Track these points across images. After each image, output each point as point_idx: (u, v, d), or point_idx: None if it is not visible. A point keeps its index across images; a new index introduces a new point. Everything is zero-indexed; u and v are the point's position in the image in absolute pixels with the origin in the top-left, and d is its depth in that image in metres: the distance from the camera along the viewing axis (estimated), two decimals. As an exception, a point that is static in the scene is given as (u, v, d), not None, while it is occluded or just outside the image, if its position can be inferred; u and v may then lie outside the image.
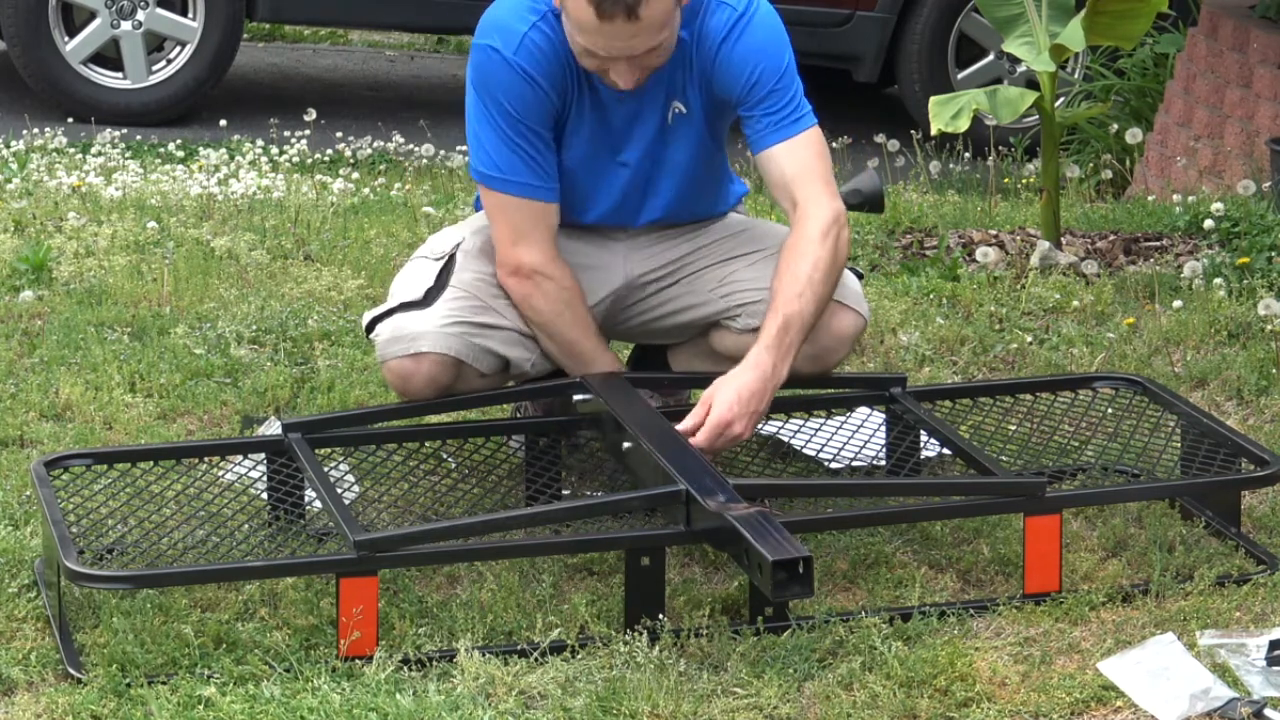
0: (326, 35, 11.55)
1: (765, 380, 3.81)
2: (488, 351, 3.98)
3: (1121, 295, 5.47)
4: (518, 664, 3.40)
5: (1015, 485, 3.74)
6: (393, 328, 3.96)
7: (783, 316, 3.84)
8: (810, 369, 4.02)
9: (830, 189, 3.94)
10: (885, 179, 7.60)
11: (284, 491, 3.87)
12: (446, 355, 3.94)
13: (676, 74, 3.94)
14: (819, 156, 3.96)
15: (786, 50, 3.96)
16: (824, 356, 4.03)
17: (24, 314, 5.12)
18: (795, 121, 3.94)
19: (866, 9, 9.41)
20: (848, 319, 4.02)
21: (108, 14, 8.95)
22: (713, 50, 3.91)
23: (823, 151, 3.98)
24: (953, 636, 3.52)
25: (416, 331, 3.94)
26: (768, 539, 3.35)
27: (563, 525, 3.88)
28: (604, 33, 3.73)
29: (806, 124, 3.96)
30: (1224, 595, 3.68)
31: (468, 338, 3.96)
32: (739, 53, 3.91)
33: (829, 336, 4.00)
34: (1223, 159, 7.45)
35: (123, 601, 3.55)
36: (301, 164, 8.15)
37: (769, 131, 3.93)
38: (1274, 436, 4.41)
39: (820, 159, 3.96)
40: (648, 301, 4.15)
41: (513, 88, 3.88)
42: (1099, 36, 5.67)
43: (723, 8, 3.91)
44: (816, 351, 4.00)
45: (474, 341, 3.97)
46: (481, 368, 3.98)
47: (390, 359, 3.96)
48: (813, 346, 3.97)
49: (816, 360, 4.02)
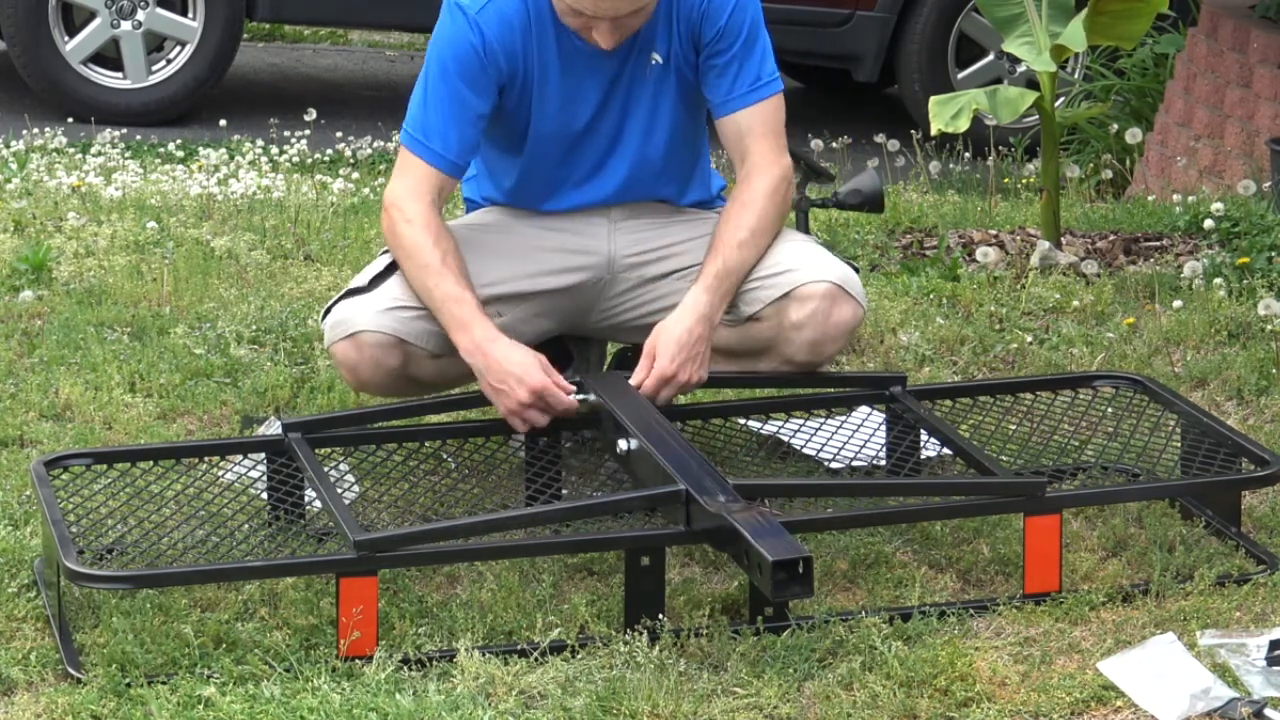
0: (326, 35, 11.55)
1: (704, 322, 3.91)
2: (430, 331, 3.96)
3: (1121, 295, 5.47)
4: (518, 664, 3.40)
5: (1015, 485, 3.74)
6: (336, 316, 3.99)
7: (722, 261, 3.95)
8: (807, 358, 4.03)
9: (781, 145, 4.04)
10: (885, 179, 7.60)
11: (284, 491, 3.87)
12: (383, 334, 3.94)
13: (655, 26, 3.97)
14: (778, 117, 4.05)
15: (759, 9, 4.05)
16: (822, 345, 4.03)
17: (24, 314, 5.12)
18: (764, 86, 4.03)
19: (866, 9, 9.41)
20: (848, 309, 4.02)
21: (108, 14, 8.95)
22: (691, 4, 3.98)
23: (781, 112, 4.07)
24: (953, 636, 3.52)
25: (355, 315, 3.96)
26: (768, 539, 3.35)
27: (563, 525, 3.88)
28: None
29: (774, 89, 4.04)
30: (1224, 595, 3.68)
31: (406, 318, 3.95)
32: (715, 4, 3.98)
33: (831, 325, 4.01)
34: (1223, 159, 7.45)
35: (123, 601, 3.55)
36: (301, 164, 8.15)
37: (739, 97, 4.01)
38: (1274, 436, 4.41)
39: (777, 119, 4.06)
40: (637, 292, 4.14)
41: (461, 46, 3.92)
42: (1099, 36, 5.67)
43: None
44: (815, 338, 4.00)
45: (414, 322, 3.95)
46: (428, 346, 3.97)
47: (333, 344, 3.98)
48: (813, 333, 3.98)
49: (814, 349, 4.02)
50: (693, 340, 3.89)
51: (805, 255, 4.03)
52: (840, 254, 4.21)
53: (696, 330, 3.90)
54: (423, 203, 3.96)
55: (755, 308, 4.00)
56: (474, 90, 3.95)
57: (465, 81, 3.94)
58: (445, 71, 3.95)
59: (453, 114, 3.96)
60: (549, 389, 3.85)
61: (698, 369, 3.91)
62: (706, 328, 3.91)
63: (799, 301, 3.98)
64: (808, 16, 9.34)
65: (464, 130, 3.97)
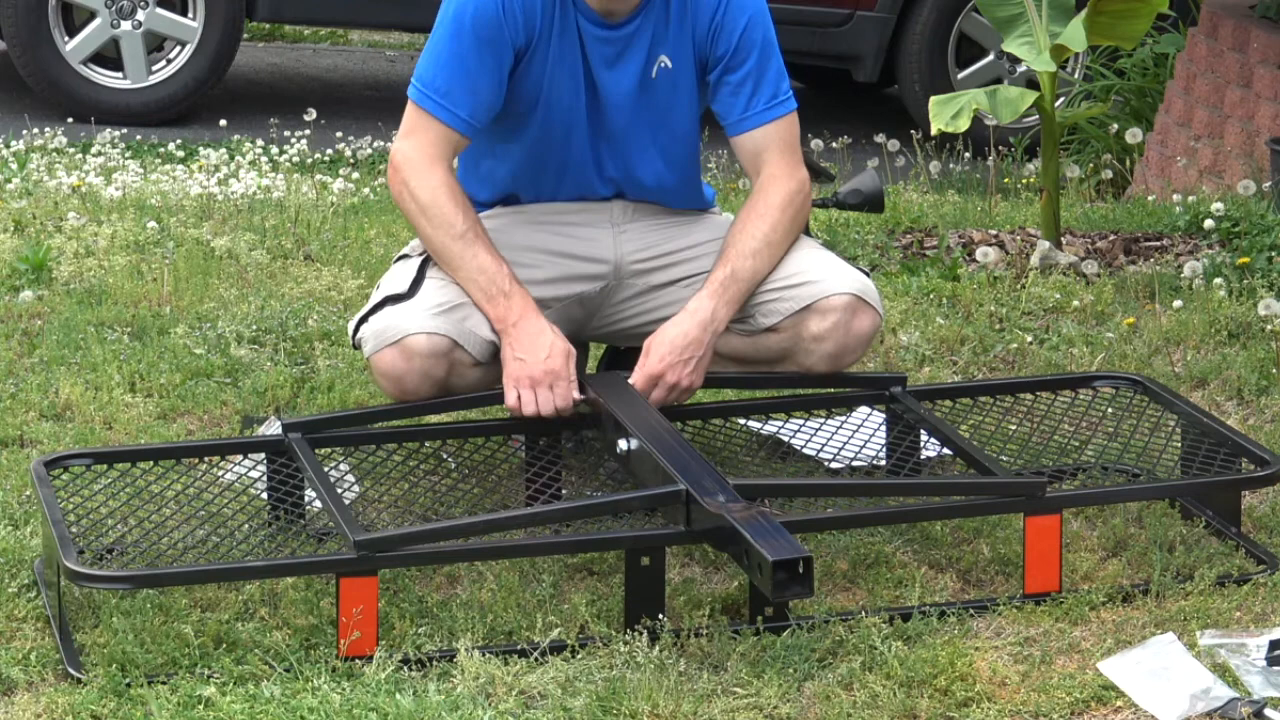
0: (326, 35, 11.55)
1: (704, 326, 3.88)
2: (478, 335, 3.93)
3: (1121, 295, 5.47)
4: (518, 664, 3.40)
5: (1015, 485, 3.74)
6: (379, 324, 3.93)
7: (732, 267, 3.93)
8: (826, 368, 4.03)
9: (797, 159, 4.03)
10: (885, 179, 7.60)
11: (284, 491, 3.87)
12: (437, 335, 3.88)
13: (667, 28, 3.96)
14: (793, 133, 4.05)
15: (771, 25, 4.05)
16: (842, 356, 4.03)
17: (24, 314, 5.12)
18: (779, 105, 4.02)
19: (866, 9, 9.41)
20: (868, 319, 4.02)
21: (108, 14, 8.95)
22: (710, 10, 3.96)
23: (796, 128, 4.06)
24: (953, 636, 3.52)
25: (402, 320, 3.90)
26: (768, 539, 3.35)
27: (563, 525, 3.88)
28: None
29: (788, 108, 4.03)
30: (1224, 595, 3.68)
31: (457, 319, 3.91)
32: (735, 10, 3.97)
33: (850, 336, 4.00)
34: (1223, 159, 7.45)
35: (123, 601, 3.55)
36: (301, 164, 8.15)
37: (755, 114, 4.01)
38: (1274, 436, 4.41)
39: (794, 135, 4.05)
40: (642, 299, 4.13)
41: (481, 1, 3.87)
42: (1099, 36, 5.67)
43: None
44: (836, 351, 4.00)
45: (464, 324, 3.92)
46: (474, 352, 3.93)
47: (377, 352, 3.90)
48: (834, 346, 3.98)
49: (834, 360, 4.02)
50: (687, 343, 3.88)
51: (823, 265, 4.02)
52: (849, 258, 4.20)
53: (693, 334, 3.89)
54: (440, 165, 3.90)
55: (773, 319, 3.99)
56: (493, 49, 3.88)
57: (485, 39, 3.87)
58: (462, 28, 3.87)
59: (471, 71, 3.88)
60: (560, 376, 3.84)
61: (689, 373, 3.89)
62: (705, 333, 3.89)
63: (819, 314, 3.98)
64: (808, 16, 9.34)
65: (481, 90, 3.90)
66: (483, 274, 3.88)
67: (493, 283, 3.88)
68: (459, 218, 3.88)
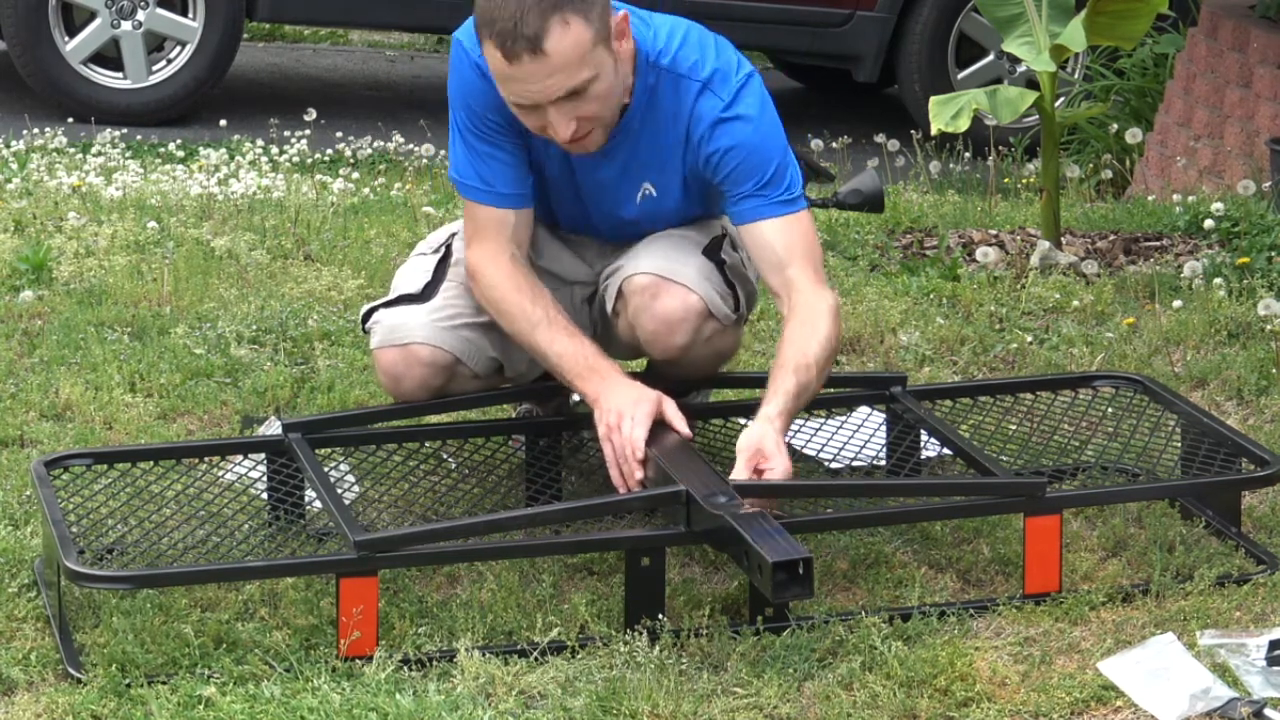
0: (326, 35, 11.55)
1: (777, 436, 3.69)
2: (482, 352, 3.94)
3: (1121, 295, 5.47)
4: (518, 664, 3.40)
5: (1015, 485, 3.74)
6: (390, 320, 3.92)
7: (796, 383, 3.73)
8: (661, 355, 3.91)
9: (824, 279, 3.83)
10: (885, 179, 7.60)
11: (284, 491, 3.87)
12: (440, 350, 3.89)
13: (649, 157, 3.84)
14: (813, 241, 3.83)
15: (778, 140, 3.81)
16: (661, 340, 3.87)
17: (24, 314, 5.12)
18: (788, 202, 3.81)
19: (866, 9, 9.41)
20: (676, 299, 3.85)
21: (108, 14, 8.95)
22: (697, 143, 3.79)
23: (815, 237, 3.85)
24: (953, 636, 3.52)
25: (411, 325, 3.90)
26: (768, 540, 3.35)
27: (563, 525, 3.88)
28: (517, 77, 3.59)
29: (799, 206, 3.82)
30: (1224, 595, 3.68)
31: (465, 336, 3.93)
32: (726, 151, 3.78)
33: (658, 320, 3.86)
34: (1223, 159, 7.45)
35: (123, 601, 3.55)
36: (301, 164, 8.15)
37: (760, 208, 3.80)
38: (1274, 436, 4.42)
39: (814, 244, 3.83)
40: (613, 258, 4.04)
41: (473, 83, 3.79)
42: (1099, 36, 5.67)
43: (708, 96, 3.77)
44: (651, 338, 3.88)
45: (470, 340, 3.93)
46: (476, 368, 3.94)
47: (381, 348, 3.91)
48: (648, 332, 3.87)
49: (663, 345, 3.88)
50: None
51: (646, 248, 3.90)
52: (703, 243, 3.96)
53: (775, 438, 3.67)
54: (502, 257, 3.83)
55: (608, 306, 3.93)
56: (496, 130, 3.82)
57: (492, 115, 3.80)
58: (471, 111, 3.82)
59: (494, 149, 3.83)
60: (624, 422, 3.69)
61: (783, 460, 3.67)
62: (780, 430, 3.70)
63: (625, 298, 3.89)
64: (808, 16, 9.34)
65: (510, 162, 3.84)
66: (566, 357, 3.81)
67: (578, 362, 3.80)
68: (532, 307, 3.82)
